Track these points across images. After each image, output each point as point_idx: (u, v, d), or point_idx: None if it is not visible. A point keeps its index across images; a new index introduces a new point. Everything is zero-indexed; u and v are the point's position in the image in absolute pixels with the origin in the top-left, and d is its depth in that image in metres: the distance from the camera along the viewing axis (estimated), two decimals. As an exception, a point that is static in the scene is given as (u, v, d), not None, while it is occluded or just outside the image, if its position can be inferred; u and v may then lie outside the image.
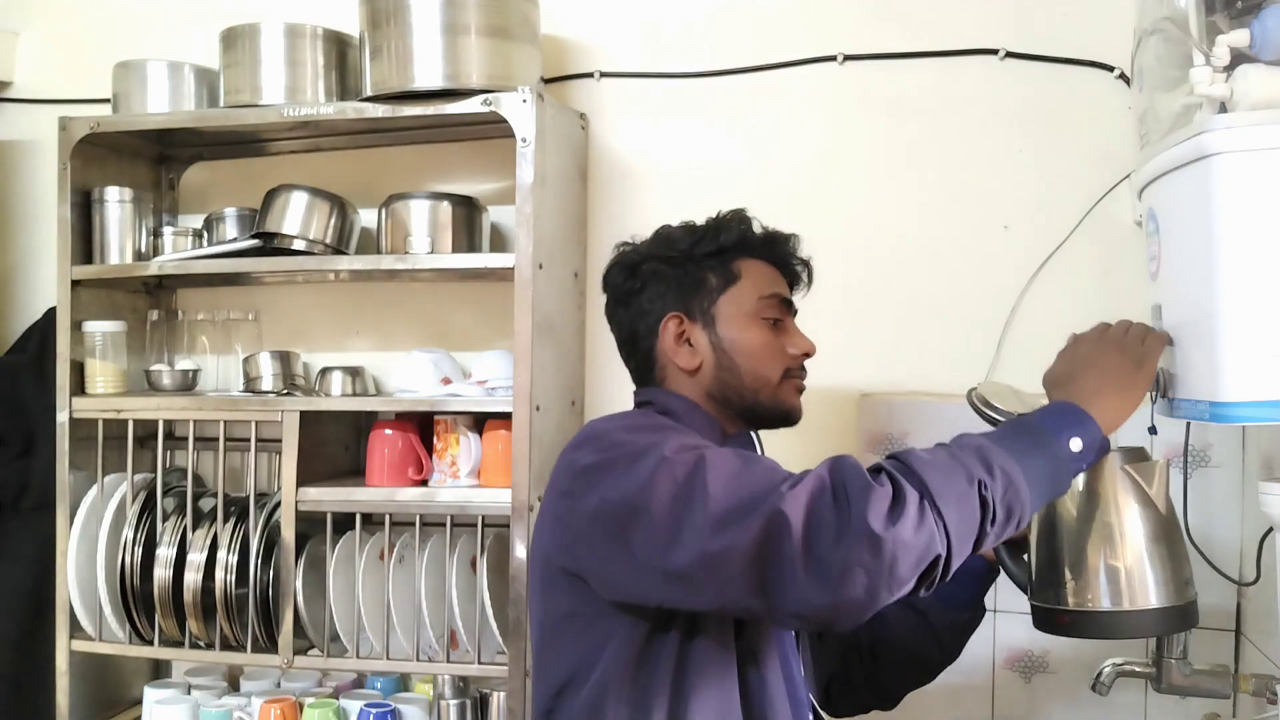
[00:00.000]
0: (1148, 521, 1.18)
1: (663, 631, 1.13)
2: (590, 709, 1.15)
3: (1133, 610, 1.17)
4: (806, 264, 1.37)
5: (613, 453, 1.12)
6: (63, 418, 1.98)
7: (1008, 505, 1.02)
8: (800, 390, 1.32)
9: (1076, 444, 1.07)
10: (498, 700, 1.90)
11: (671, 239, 1.34)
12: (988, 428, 1.17)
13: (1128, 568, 1.17)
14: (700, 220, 1.35)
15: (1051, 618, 1.22)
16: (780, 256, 1.34)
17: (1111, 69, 1.79)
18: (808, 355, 1.31)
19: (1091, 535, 1.19)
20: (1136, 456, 1.21)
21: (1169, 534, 1.20)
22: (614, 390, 2.00)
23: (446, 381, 1.93)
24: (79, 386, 2.00)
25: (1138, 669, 1.35)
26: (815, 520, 0.98)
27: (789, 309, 1.34)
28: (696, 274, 1.30)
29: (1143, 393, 1.14)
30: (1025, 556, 1.27)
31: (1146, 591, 1.17)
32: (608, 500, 1.09)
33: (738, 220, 1.34)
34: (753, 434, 1.34)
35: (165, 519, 1.97)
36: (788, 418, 1.31)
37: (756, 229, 1.34)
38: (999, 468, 1.02)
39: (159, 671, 2.18)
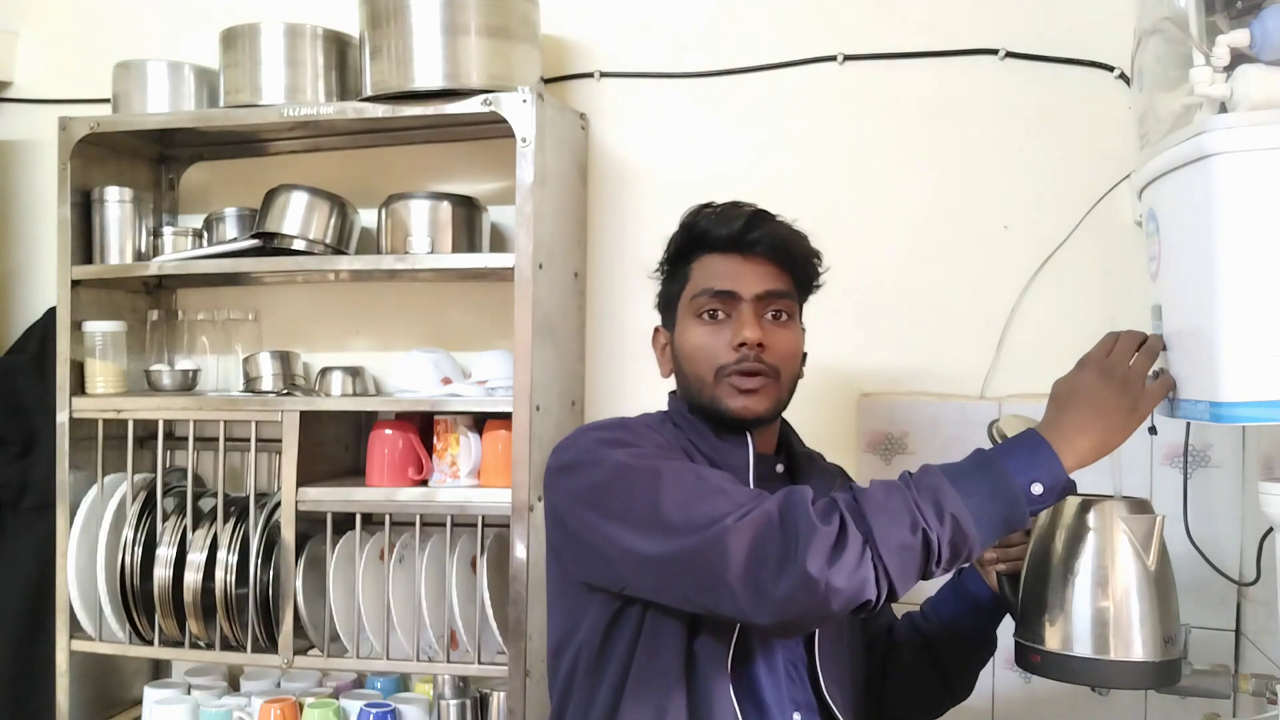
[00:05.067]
0: (1138, 575, 1.19)
1: (630, 606, 1.21)
2: (569, 673, 1.28)
3: (1115, 660, 1.18)
4: (764, 237, 1.26)
5: (580, 458, 1.22)
6: (63, 418, 1.98)
7: (954, 546, 1.06)
8: (742, 390, 1.24)
9: (1038, 488, 1.08)
10: (498, 700, 1.90)
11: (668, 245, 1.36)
12: None
13: (1115, 617, 1.18)
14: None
15: (1027, 655, 1.24)
16: (728, 243, 1.27)
17: (1111, 69, 1.78)
18: (745, 345, 1.23)
19: (1080, 582, 1.20)
20: (1138, 508, 1.21)
21: (1160, 589, 1.19)
22: (614, 390, 2.01)
23: (446, 381, 1.93)
24: (79, 386, 2.00)
25: (1138, 670, 1.35)
26: (758, 555, 1.05)
27: (729, 299, 1.26)
28: (666, 283, 1.35)
29: (1126, 437, 1.12)
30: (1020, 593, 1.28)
31: (1129, 644, 1.18)
32: (572, 498, 1.21)
33: (692, 218, 1.32)
34: (749, 442, 1.27)
35: (165, 519, 1.97)
36: (723, 420, 1.26)
37: (705, 223, 1.30)
38: (950, 514, 1.06)
39: (159, 671, 2.19)
